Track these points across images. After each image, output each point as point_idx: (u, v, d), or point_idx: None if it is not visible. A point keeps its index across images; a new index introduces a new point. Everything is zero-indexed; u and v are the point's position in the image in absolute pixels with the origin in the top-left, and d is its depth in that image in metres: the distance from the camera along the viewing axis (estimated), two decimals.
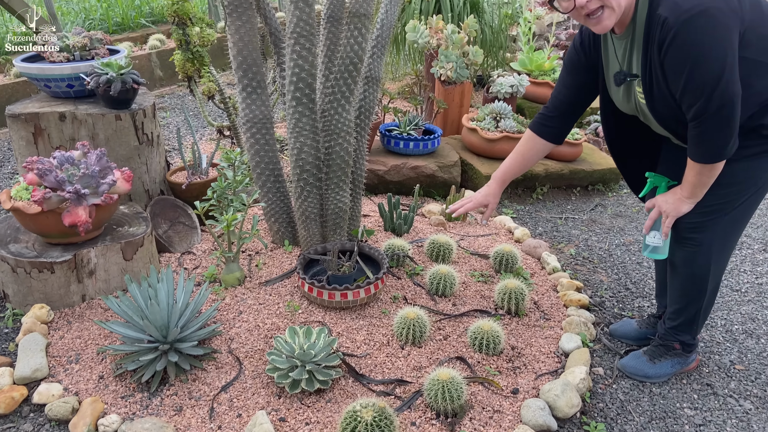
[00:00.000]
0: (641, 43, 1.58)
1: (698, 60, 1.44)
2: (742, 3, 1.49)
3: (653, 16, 1.51)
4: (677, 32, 1.44)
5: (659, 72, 1.55)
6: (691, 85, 1.48)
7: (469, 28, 3.72)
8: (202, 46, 3.17)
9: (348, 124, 2.28)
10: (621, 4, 1.53)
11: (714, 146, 1.54)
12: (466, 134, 3.43)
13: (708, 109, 1.48)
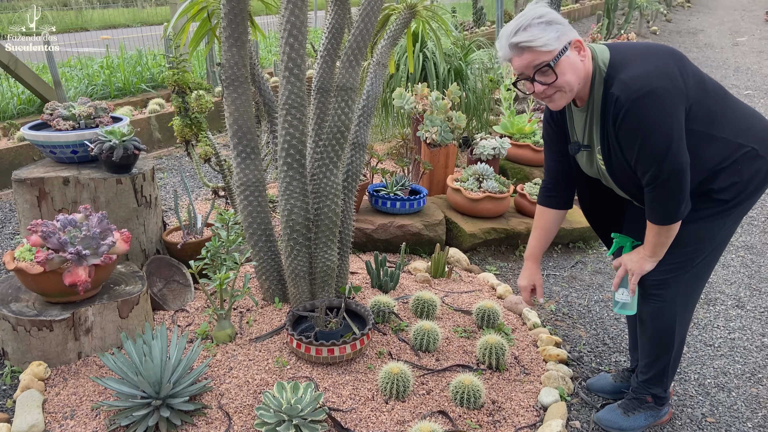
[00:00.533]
0: (599, 117, 1.75)
1: (648, 134, 1.61)
2: (686, 82, 1.67)
3: (607, 95, 1.68)
4: (628, 110, 1.62)
5: (615, 143, 1.72)
6: (643, 155, 1.65)
7: (452, 95, 3.94)
8: (200, 113, 3.35)
9: (336, 187, 2.43)
10: (573, 89, 1.71)
11: (667, 209, 1.69)
12: (451, 194, 3.59)
13: (659, 176, 1.64)
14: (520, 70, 1.71)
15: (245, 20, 2.31)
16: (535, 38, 1.63)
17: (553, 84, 1.68)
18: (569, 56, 1.67)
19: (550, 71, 1.66)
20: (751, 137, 1.76)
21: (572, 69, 1.68)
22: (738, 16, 16.61)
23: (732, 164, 1.74)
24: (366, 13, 2.24)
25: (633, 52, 1.70)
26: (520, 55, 1.66)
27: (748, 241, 3.75)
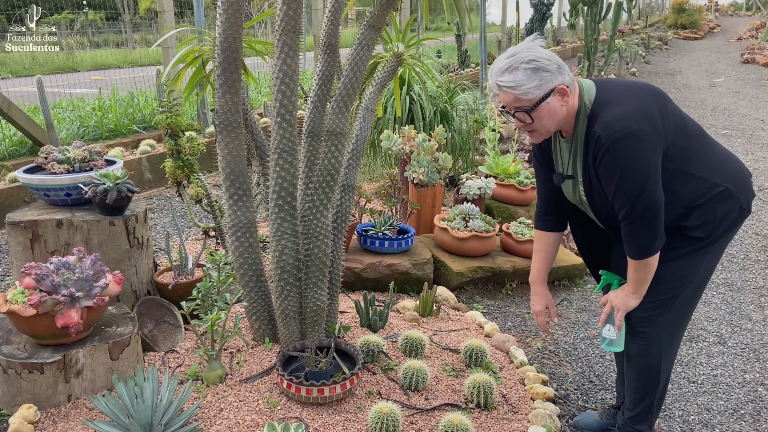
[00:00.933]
0: (582, 150, 1.85)
1: (624, 173, 1.71)
2: (666, 123, 1.76)
3: (590, 132, 1.78)
4: (608, 149, 1.71)
5: (595, 177, 1.82)
6: (620, 192, 1.74)
7: (438, 136, 4.05)
8: (192, 155, 3.42)
9: (326, 228, 2.49)
10: (549, 131, 1.83)
11: (641, 244, 1.78)
12: (438, 233, 3.66)
13: (633, 212, 1.74)
14: (504, 104, 1.83)
15: (239, 68, 2.40)
16: (517, 85, 1.73)
17: (530, 125, 1.81)
18: (549, 102, 1.76)
19: (527, 115, 1.78)
20: (726, 177, 1.86)
21: (550, 114, 1.78)
22: (714, 58, 17.17)
23: (706, 202, 1.83)
24: (355, 62, 2.34)
25: (617, 92, 1.80)
26: (504, 93, 1.78)
27: (728, 278, 3.83)
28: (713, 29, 25.68)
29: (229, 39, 2.32)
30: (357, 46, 2.33)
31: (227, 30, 2.30)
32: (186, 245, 3.94)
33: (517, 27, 15.12)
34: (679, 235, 1.85)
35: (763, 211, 5.09)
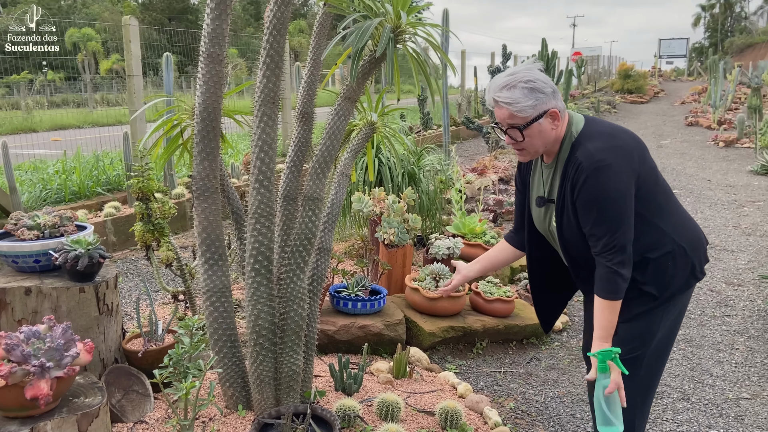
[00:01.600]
0: (561, 175, 1.92)
1: (605, 203, 1.79)
2: (642, 167, 1.87)
3: (572, 158, 1.86)
4: (588, 176, 1.79)
5: (570, 205, 1.88)
6: (600, 222, 1.80)
7: (408, 198, 4.16)
8: (163, 218, 3.42)
9: (302, 291, 2.51)
10: (538, 151, 1.92)
11: (613, 280, 1.82)
12: (410, 293, 3.70)
13: (613, 245, 1.79)
14: (498, 120, 1.92)
15: (217, 136, 2.46)
16: (514, 102, 1.84)
17: (520, 143, 1.90)
18: (541, 123, 1.86)
19: (519, 133, 1.87)
20: (684, 237, 1.96)
21: (540, 135, 1.88)
22: (660, 121, 18.17)
23: (663, 256, 1.91)
24: (332, 131, 2.43)
25: (603, 129, 1.91)
26: (500, 109, 1.88)
27: (687, 335, 3.97)
28: (657, 94, 27.28)
29: (209, 108, 2.39)
30: (334, 115, 2.43)
31: (207, 100, 2.37)
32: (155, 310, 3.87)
33: (476, 90, 15.75)
34: (633, 291, 1.91)
35: (716, 268, 5.32)
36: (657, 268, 1.92)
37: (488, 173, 7.22)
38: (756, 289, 4.80)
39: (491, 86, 1.91)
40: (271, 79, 2.32)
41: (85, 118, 14.40)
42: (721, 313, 4.33)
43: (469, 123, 10.49)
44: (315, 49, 2.53)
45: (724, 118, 16.43)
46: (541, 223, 2.10)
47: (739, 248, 5.92)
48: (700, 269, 2.00)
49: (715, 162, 11.37)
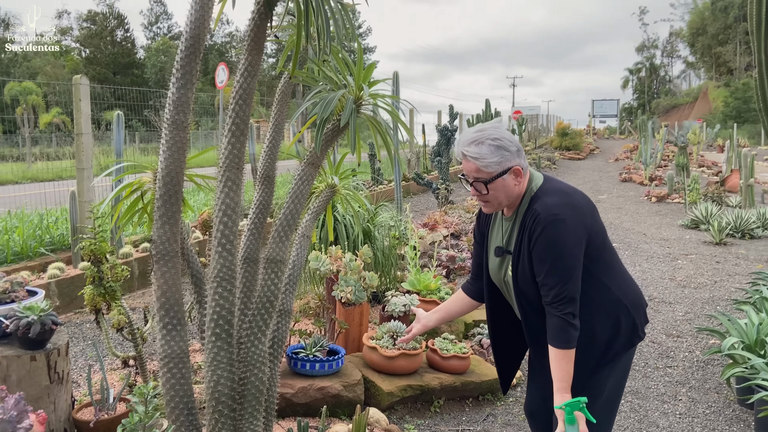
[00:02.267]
0: (519, 227, 2.03)
1: (559, 254, 1.90)
2: (593, 227, 2.00)
3: (530, 210, 1.98)
4: (545, 227, 1.91)
5: (526, 254, 1.98)
6: (552, 272, 1.90)
7: (364, 256, 4.22)
8: (115, 281, 3.35)
9: (263, 355, 2.50)
10: (501, 204, 2.04)
11: (564, 330, 1.91)
12: (367, 352, 3.71)
13: (563, 295, 1.90)
14: (465, 172, 2.06)
15: (179, 200, 2.48)
16: (480, 157, 1.98)
17: (484, 195, 2.03)
18: (505, 179, 2.00)
19: (484, 186, 2.01)
20: (627, 297, 2.09)
21: (503, 189, 2.01)
22: (597, 177, 19.10)
23: (607, 313, 2.03)
24: (296, 195, 2.50)
25: (561, 187, 2.05)
26: (467, 162, 2.01)
27: (633, 387, 4.12)
28: (593, 151, 28.75)
29: (172, 173, 2.41)
30: (298, 180, 2.50)
31: (170, 165, 2.40)
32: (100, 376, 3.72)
33: (424, 147, 16.19)
34: (580, 348, 2.00)
35: (656, 320, 5.57)
36: (603, 325, 2.03)
37: (439, 228, 7.39)
38: (694, 340, 5.04)
39: (461, 140, 2.06)
40: (236, 145, 2.38)
41: (24, 174, 13.92)
42: (664, 364, 4.52)
43: (419, 179, 10.76)
44: (277, 115, 2.62)
45: (654, 174, 17.45)
46: (496, 274, 2.20)
47: (675, 300, 6.22)
48: (642, 329, 2.14)
49: (649, 216, 12.00)
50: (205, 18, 2.23)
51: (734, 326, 4.13)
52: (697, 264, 7.92)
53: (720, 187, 13.87)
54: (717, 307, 5.91)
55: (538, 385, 2.28)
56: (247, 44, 2.28)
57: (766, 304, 4.69)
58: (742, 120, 36.58)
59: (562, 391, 1.97)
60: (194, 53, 2.29)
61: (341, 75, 2.43)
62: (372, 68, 2.33)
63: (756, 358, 3.61)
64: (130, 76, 48.36)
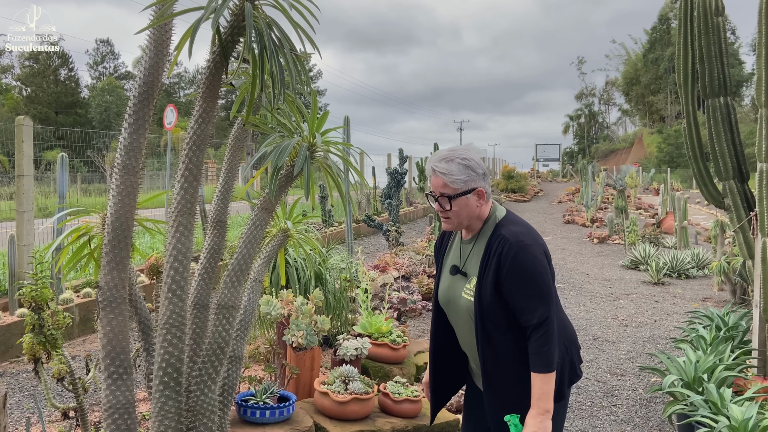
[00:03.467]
0: (482, 252, 2.11)
1: (536, 277, 2.01)
2: (547, 260, 2.09)
3: (497, 235, 2.08)
4: (517, 253, 2.00)
5: (491, 277, 2.03)
6: (532, 296, 1.99)
7: (315, 299, 4.21)
8: (56, 329, 3.23)
9: (213, 403, 2.45)
10: (461, 223, 2.14)
11: (550, 352, 1.97)
12: (319, 398, 3.67)
13: (547, 316, 1.97)
14: (432, 188, 2.15)
15: (128, 245, 2.45)
16: (449, 173, 2.07)
17: (447, 211, 2.11)
18: (468, 198, 2.09)
19: (447, 202, 2.09)
20: (566, 335, 2.20)
21: (466, 208, 2.10)
22: (542, 218, 19.70)
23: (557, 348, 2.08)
24: (249, 240, 2.51)
25: (521, 221, 2.17)
26: (436, 177, 2.11)
27: (580, 426, 4.21)
28: (537, 193, 29.70)
29: (121, 218, 2.39)
30: (251, 225, 2.51)
31: (120, 210, 2.38)
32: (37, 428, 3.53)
33: (375, 189, 16.36)
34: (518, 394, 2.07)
35: (600, 359, 5.74)
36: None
37: (390, 270, 7.44)
38: (637, 378, 5.21)
39: (433, 157, 2.16)
40: (189, 191, 2.38)
41: None
42: (609, 403, 4.64)
43: (369, 221, 10.85)
44: (230, 160, 2.64)
45: (596, 216, 18.16)
46: (445, 292, 2.26)
47: (618, 339, 6.43)
48: (579, 368, 2.24)
49: (591, 257, 12.43)
50: (159, 65, 2.26)
51: (673, 364, 4.30)
52: (638, 303, 8.22)
53: (657, 229, 14.54)
54: (657, 345, 6.13)
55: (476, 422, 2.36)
56: (202, 92, 2.31)
57: (702, 342, 4.92)
58: (674, 165, 38.69)
59: (545, 411, 1.96)
60: (147, 99, 2.31)
61: (295, 121, 2.49)
62: (325, 117, 2.41)
63: (695, 395, 3.77)
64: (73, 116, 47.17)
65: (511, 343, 2.07)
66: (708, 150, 4.98)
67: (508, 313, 2.06)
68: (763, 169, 4.37)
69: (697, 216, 19.18)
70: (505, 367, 2.09)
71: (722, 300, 8.14)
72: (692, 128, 5.16)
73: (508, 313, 2.06)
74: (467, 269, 2.18)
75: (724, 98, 4.85)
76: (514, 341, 2.07)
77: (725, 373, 4.09)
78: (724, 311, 5.69)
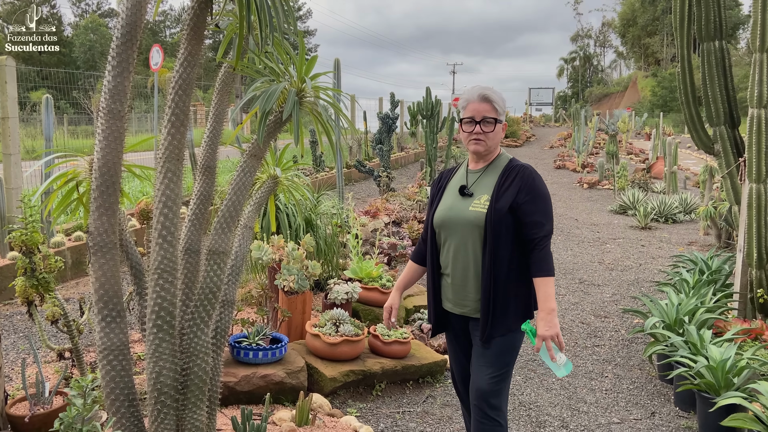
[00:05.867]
0: (496, 178, 2.41)
1: (546, 199, 2.38)
2: None
3: (513, 166, 2.43)
4: (534, 179, 2.38)
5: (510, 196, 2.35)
6: (544, 211, 2.34)
7: (306, 245, 4.25)
8: (48, 272, 3.26)
9: (206, 345, 2.50)
10: (489, 147, 2.44)
11: (551, 261, 2.33)
12: (310, 339, 3.76)
13: (549, 230, 2.34)
14: (472, 114, 2.40)
15: (117, 191, 2.44)
16: (496, 101, 2.42)
17: (486, 133, 2.39)
18: (500, 126, 2.45)
19: (492, 125, 2.40)
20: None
21: (498, 134, 2.44)
22: (533, 164, 19.52)
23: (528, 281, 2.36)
24: (238, 186, 2.50)
25: None
26: (481, 104, 2.40)
27: None
28: (530, 138, 29.57)
29: (108, 164, 2.37)
30: (240, 172, 2.50)
31: (107, 155, 2.36)
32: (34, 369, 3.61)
33: (366, 134, 16.22)
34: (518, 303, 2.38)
35: (585, 302, 5.88)
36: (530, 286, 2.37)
37: (381, 216, 7.47)
38: (620, 320, 5.36)
39: (476, 88, 2.45)
40: (176, 136, 2.36)
41: None
42: (592, 343, 4.79)
43: (360, 166, 10.81)
44: (218, 104, 2.60)
45: (587, 161, 18.17)
46: (448, 211, 2.46)
47: (603, 282, 6.57)
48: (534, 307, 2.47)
49: (581, 202, 12.52)
50: (142, 3, 2.19)
51: (656, 307, 4.42)
52: (624, 248, 8.36)
53: (646, 174, 14.61)
54: (641, 288, 6.28)
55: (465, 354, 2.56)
56: (187, 33, 2.25)
57: (685, 285, 5.05)
58: (668, 109, 38.47)
59: (551, 310, 2.26)
60: (131, 40, 2.24)
61: (283, 65, 2.44)
62: (314, 61, 2.36)
63: (675, 336, 3.89)
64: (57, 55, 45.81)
65: (509, 254, 2.35)
66: (701, 94, 4.95)
67: (514, 226, 2.35)
68: (754, 115, 4.37)
69: (687, 161, 19.25)
70: (499, 274, 2.33)
71: (707, 244, 8.29)
72: (686, 72, 5.10)
73: (514, 227, 2.35)
74: (474, 191, 2.45)
75: (719, 42, 4.78)
76: (511, 253, 2.36)
77: (706, 316, 4.21)
78: (708, 255, 5.80)
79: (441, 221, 2.49)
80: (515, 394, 3.80)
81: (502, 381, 2.35)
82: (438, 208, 2.53)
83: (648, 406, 3.72)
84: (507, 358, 2.36)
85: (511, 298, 2.36)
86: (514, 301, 2.36)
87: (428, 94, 11.83)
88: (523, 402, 3.73)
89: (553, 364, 2.29)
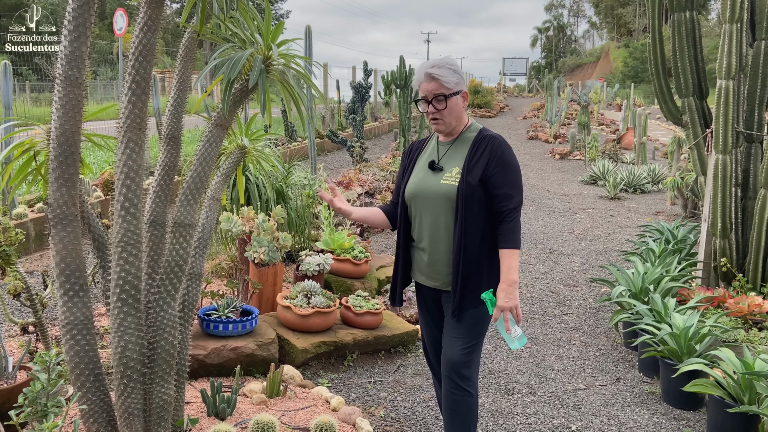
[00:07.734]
0: (466, 150, 2.39)
1: (516, 170, 2.37)
2: None
3: (483, 136, 2.40)
4: (503, 149, 2.35)
5: (480, 168, 2.33)
6: (510, 183, 2.33)
7: (277, 216, 4.20)
8: (9, 245, 3.16)
9: (173, 319, 2.47)
10: (450, 123, 2.40)
11: (518, 233, 2.33)
12: (281, 311, 3.75)
13: (518, 202, 2.34)
14: (424, 94, 2.37)
15: (76, 161, 2.35)
16: (443, 76, 2.32)
17: (440, 111, 2.35)
18: (457, 99, 2.37)
19: (443, 101, 2.33)
20: None
21: (455, 108, 2.38)
22: (506, 135, 19.72)
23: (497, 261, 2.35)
24: (203, 157, 2.44)
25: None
26: (429, 83, 2.33)
27: (532, 333, 4.43)
28: (503, 109, 29.60)
29: (66, 133, 2.28)
30: (205, 142, 2.44)
31: (65, 124, 2.26)
32: None
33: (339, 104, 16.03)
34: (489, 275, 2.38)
35: (555, 271, 5.97)
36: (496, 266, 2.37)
37: (354, 186, 7.43)
38: (588, 289, 5.46)
39: (423, 66, 2.40)
40: (137, 105, 2.27)
41: None
42: (560, 312, 4.88)
43: (333, 136, 10.69)
44: (181, 72, 2.52)
45: (559, 132, 18.28)
46: (419, 184, 2.45)
47: (573, 252, 6.68)
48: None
49: (552, 173, 12.64)
50: None
51: (622, 276, 4.51)
52: (594, 218, 8.48)
53: (617, 145, 14.78)
54: (609, 258, 6.40)
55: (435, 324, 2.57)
56: None
57: (651, 255, 5.15)
58: (639, 80, 38.79)
59: (513, 282, 2.29)
60: (88, 3, 2.14)
61: (250, 32, 2.36)
62: (281, 27, 2.29)
63: (640, 304, 3.98)
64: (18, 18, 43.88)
65: (480, 227, 2.35)
66: (671, 66, 4.98)
67: (486, 198, 2.34)
68: (722, 86, 4.42)
69: (656, 132, 19.52)
70: (471, 247, 2.34)
71: (674, 214, 8.46)
72: (656, 43, 5.12)
73: (485, 199, 2.34)
74: (445, 164, 2.43)
75: (689, 12, 4.80)
76: (483, 226, 2.35)
77: (671, 284, 4.32)
78: (674, 225, 5.93)
79: (412, 195, 2.47)
80: (485, 363, 3.86)
81: (473, 352, 2.38)
82: (409, 181, 2.50)
83: (613, 372, 3.82)
84: (478, 330, 2.38)
85: (484, 270, 2.36)
86: (486, 274, 2.37)
87: (402, 63, 11.70)
88: (492, 370, 3.79)
89: (508, 335, 2.32)
